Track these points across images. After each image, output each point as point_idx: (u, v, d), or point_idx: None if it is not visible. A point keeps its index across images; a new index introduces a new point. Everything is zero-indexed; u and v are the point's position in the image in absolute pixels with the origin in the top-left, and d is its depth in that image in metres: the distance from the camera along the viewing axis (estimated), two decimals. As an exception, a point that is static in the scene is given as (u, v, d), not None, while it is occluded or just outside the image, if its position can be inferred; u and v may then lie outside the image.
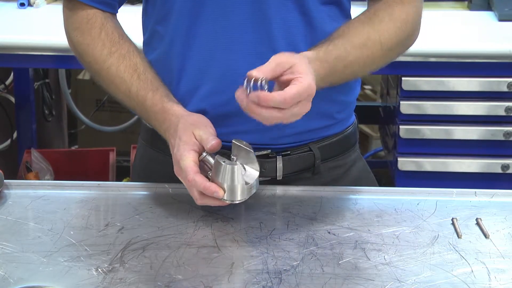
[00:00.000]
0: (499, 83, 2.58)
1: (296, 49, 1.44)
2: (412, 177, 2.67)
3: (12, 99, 3.36)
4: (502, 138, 2.61)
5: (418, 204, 1.46)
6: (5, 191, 1.49)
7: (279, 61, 1.30)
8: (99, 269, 1.25)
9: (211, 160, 1.35)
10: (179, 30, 1.47)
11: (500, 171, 2.63)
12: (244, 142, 1.37)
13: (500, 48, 2.54)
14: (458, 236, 1.36)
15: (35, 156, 3.19)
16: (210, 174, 1.35)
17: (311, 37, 1.46)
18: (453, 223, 1.39)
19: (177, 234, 1.35)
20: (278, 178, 1.51)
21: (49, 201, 1.46)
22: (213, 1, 1.43)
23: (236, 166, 1.33)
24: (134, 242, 1.33)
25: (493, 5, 2.81)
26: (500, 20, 2.75)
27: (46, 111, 3.51)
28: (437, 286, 1.22)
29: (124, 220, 1.40)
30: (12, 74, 3.32)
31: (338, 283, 1.22)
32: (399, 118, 2.65)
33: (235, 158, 1.36)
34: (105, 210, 1.47)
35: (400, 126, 2.65)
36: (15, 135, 3.38)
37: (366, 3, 1.53)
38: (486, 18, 2.81)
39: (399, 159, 2.67)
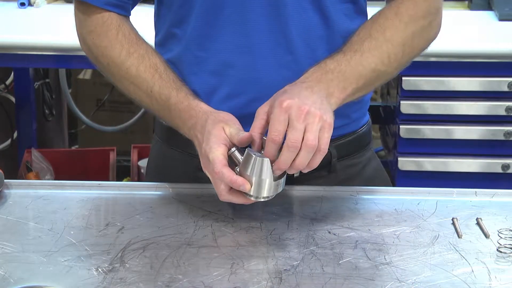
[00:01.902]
0: (500, 83, 2.58)
1: (314, 50, 1.46)
2: (412, 177, 2.67)
3: (13, 99, 3.36)
4: (503, 138, 2.61)
5: (418, 204, 1.46)
6: (5, 191, 1.49)
7: None
8: (100, 269, 1.25)
9: (239, 156, 1.33)
10: (196, 33, 1.47)
11: (500, 171, 2.63)
12: None
13: (500, 48, 2.54)
14: (459, 236, 1.36)
15: (35, 156, 3.20)
16: (238, 169, 1.32)
17: (328, 37, 1.47)
18: (453, 223, 1.39)
19: (177, 234, 1.35)
20: (295, 176, 1.51)
21: (49, 201, 1.46)
22: (231, 4, 1.43)
23: (266, 159, 1.30)
24: (134, 242, 1.32)
25: (493, 5, 2.81)
26: (500, 20, 2.75)
27: (46, 111, 3.51)
28: (437, 286, 1.22)
29: (124, 220, 1.40)
30: (12, 74, 3.33)
31: (338, 283, 1.22)
32: (399, 118, 2.65)
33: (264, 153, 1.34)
34: (105, 210, 1.47)
35: (400, 126, 2.64)
36: (15, 135, 3.38)
37: (379, 1, 1.52)
38: (486, 18, 2.81)
39: (399, 159, 2.67)
